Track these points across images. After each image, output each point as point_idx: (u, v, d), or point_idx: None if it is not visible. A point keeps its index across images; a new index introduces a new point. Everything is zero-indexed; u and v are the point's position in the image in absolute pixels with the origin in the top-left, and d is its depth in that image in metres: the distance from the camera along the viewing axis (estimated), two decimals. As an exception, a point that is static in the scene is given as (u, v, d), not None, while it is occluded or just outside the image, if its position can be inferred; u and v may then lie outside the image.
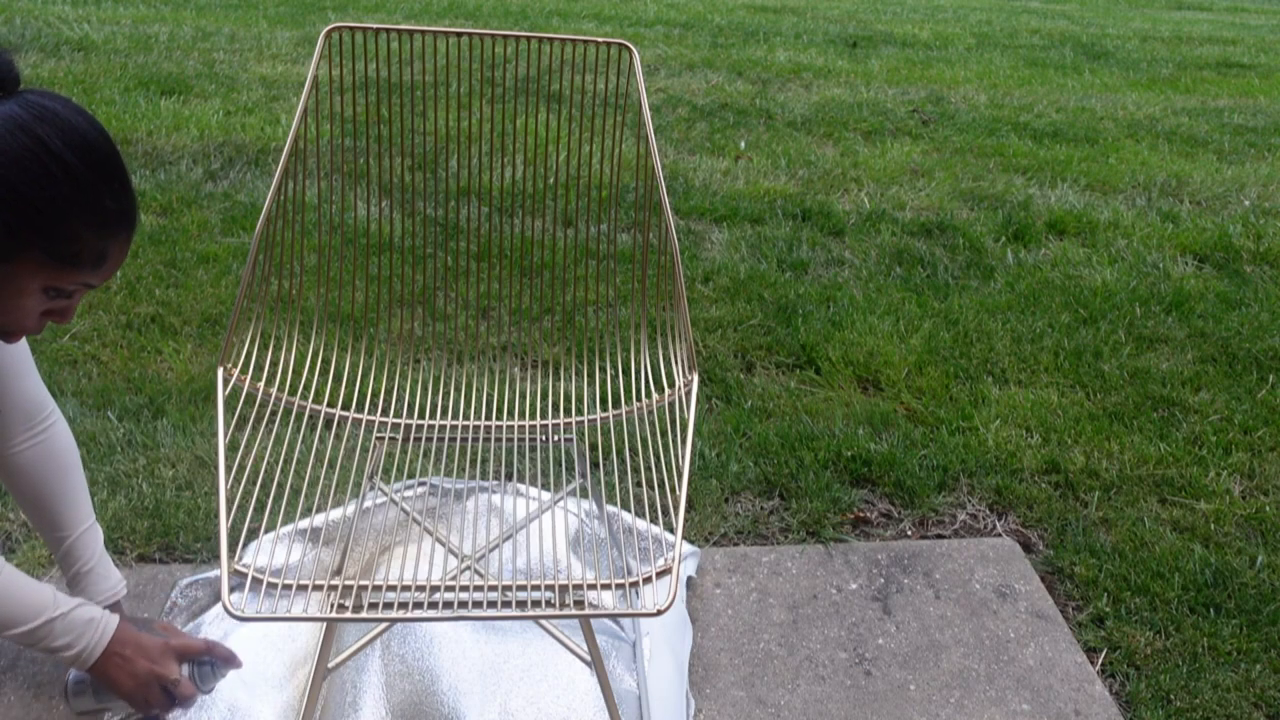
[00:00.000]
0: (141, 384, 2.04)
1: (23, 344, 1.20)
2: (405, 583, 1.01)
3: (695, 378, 1.21)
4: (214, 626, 1.42)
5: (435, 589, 1.01)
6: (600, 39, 1.36)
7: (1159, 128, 4.60)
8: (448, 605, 1.00)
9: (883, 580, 1.69)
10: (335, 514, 1.62)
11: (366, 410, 1.35)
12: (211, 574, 1.54)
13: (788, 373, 2.27)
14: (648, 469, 1.85)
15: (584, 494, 1.69)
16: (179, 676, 1.16)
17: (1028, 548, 1.79)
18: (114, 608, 1.29)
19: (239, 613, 0.91)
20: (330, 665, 1.13)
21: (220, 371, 1.15)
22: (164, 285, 2.43)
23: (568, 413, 2.04)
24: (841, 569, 1.71)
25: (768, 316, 2.48)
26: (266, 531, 1.61)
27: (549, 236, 2.70)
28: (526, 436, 1.34)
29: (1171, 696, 1.48)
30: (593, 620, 1.46)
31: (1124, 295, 2.77)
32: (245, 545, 1.55)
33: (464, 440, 1.32)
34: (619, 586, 1.05)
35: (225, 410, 1.08)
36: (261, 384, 1.22)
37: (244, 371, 1.20)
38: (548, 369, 1.94)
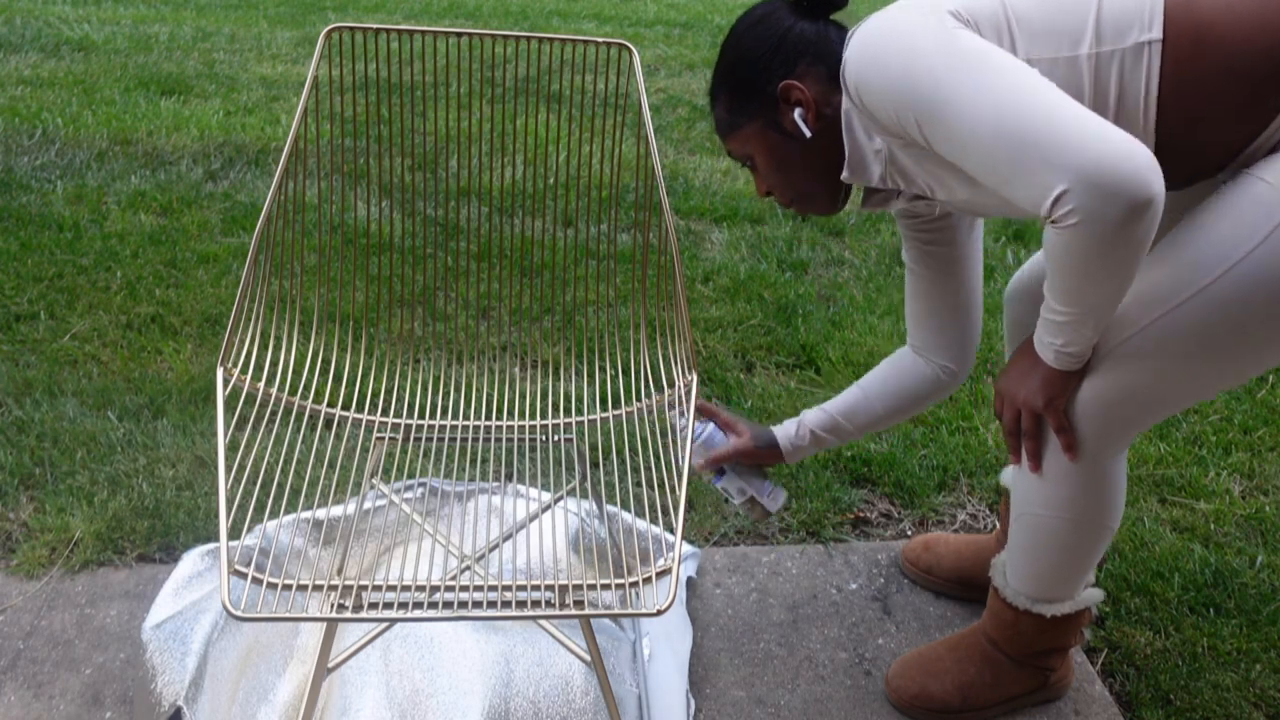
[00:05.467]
0: (141, 384, 2.04)
1: None
2: (405, 583, 1.01)
3: (695, 378, 1.21)
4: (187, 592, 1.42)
5: (435, 589, 1.01)
6: (600, 39, 1.36)
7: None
8: (448, 605, 1.01)
9: (883, 580, 1.69)
10: (336, 513, 1.62)
11: (366, 410, 1.35)
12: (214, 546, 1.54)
13: (788, 373, 2.27)
14: (648, 469, 1.85)
15: (584, 494, 1.69)
16: None
17: (1028, 548, 1.79)
18: None
19: (239, 613, 0.91)
20: (330, 665, 1.14)
21: (220, 371, 1.15)
22: (164, 285, 2.43)
23: (568, 413, 2.04)
24: (841, 569, 1.71)
25: (768, 316, 2.48)
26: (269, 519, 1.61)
27: (549, 236, 2.70)
28: (526, 436, 1.34)
29: (1171, 696, 1.48)
30: (593, 620, 1.46)
31: (1124, 295, 2.77)
32: (247, 531, 1.55)
33: (464, 440, 1.32)
34: (619, 586, 1.05)
35: (225, 410, 1.08)
36: (261, 384, 1.22)
37: (244, 371, 1.20)
38: (548, 369, 1.94)
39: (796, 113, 1.17)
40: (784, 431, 1.49)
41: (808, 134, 1.17)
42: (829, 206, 1.26)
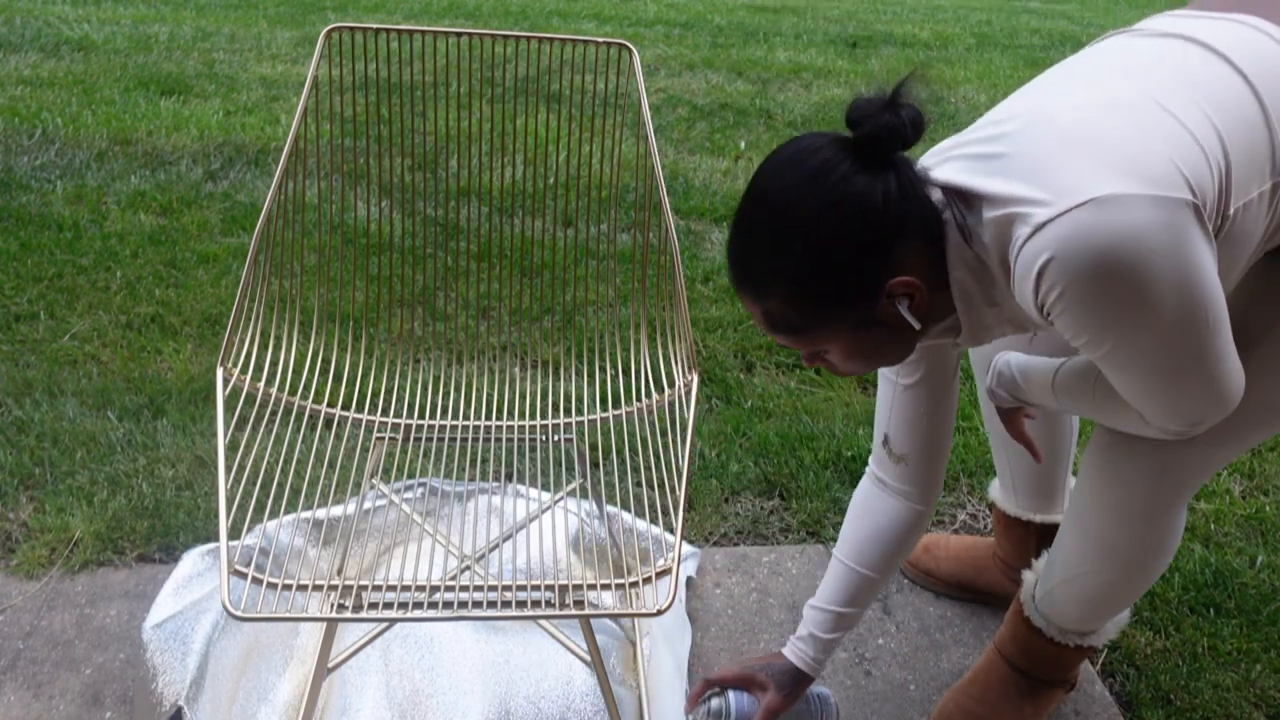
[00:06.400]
0: (141, 384, 2.04)
1: None
2: (405, 583, 1.01)
3: (695, 378, 1.21)
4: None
5: (435, 589, 1.01)
6: (600, 39, 1.36)
7: (1159, 128, 4.58)
8: (448, 605, 1.01)
9: (883, 580, 1.69)
10: (336, 513, 1.62)
11: (366, 410, 1.35)
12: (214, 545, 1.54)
13: (788, 373, 2.27)
14: (648, 469, 1.85)
15: (584, 494, 1.69)
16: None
17: (1028, 548, 1.79)
18: None
19: (239, 612, 0.91)
20: (330, 665, 1.14)
21: (220, 371, 1.15)
22: (164, 285, 2.43)
23: (568, 413, 2.04)
24: (841, 569, 1.71)
25: (768, 316, 2.48)
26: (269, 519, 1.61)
27: (549, 236, 2.70)
28: (526, 436, 1.34)
29: (1171, 696, 1.48)
30: (593, 620, 1.46)
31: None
32: (247, 531, 1.55)
33: (464, 440, 1.32)
34: (619, 586, 1.05)
35: (225, 410, 1.08)
36: (261, 384, 1.22)
37: (244, 371, 1.20)
38: (548, 369, 1.94)
39: (903, 305, 0.97)
40: (803, 658, 1.28)
41: (917, 326, 0.99)
42: (904, 359, 1.10)
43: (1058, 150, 0.91)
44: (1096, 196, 0.86)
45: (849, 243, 0.94)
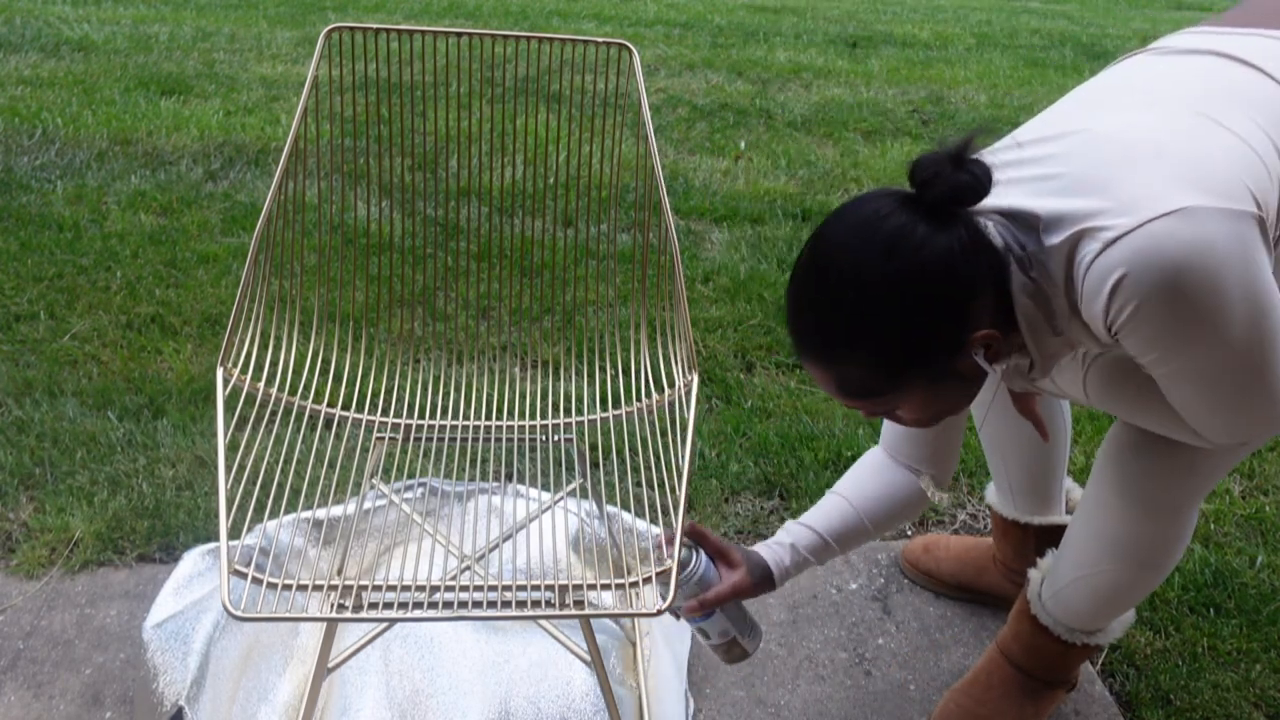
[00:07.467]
0: (141, 384, 2.04)
1: None
2: (405, 583, 1.01)
3: (695, 378, 1.21)
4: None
5: (435, 589, 1.01)
6: (600, 39, 1.36)
7: (1159, 128, 4.57)
8: (448, 605, 1.01)
9: (883, 580, 1.69)
10: (336, 513, 1.62)
11: (366, 410, 1.35)
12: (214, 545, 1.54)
13: (788, 373, 2.26)
14: (648, 469, 1.85)
15: (584, 494, 1.69)
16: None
17: (1028, 548, 1.79)
18: None
19: (239, 612, 0.91)
20: (330, 665, 1.14)
21: (220, 371, 1.15)
22: (164, 285, 2.43)
23: (568, 413, 2.04)
24: (841, 569, 1.71)
25: (768, 316, 2.48)
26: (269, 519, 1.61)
27: (549, 236, 2.70)
28: (526, 436, 1.34)
29: (1171, 696, 1.48)
30: (593, 620, 1.46)
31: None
32: (247, 531, 1.55)
33: (464, 440, 1.32)
34: (619, 586, 1.05)
35: (225, 410, 1.08)
36: (261, 384, 1.22)
37: (244, 371, 1.20)
38: (548, 369, 1.94)
39: (980, 355, 0.97)
40: (776, 560, 1.25)
41: (995, 372, 1.00)
42: (972, 401, 1.10)
43: (1121, 166, 0.90)
44: (1171, 210, 0.86)
45: (935, 307, 0.94)
